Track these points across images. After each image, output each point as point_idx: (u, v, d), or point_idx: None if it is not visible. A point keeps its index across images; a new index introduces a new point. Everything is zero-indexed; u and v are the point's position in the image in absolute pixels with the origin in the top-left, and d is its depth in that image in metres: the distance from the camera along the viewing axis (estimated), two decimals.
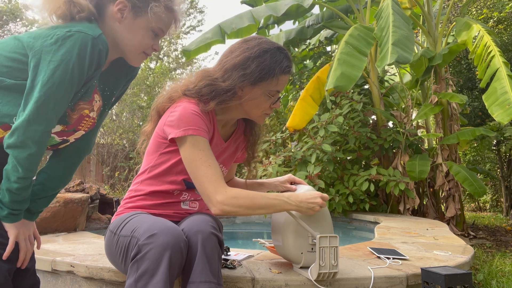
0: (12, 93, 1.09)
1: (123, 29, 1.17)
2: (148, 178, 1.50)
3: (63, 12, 1.12)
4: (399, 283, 1.62)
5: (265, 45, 1.44)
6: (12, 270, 1.16)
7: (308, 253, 1.51)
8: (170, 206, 1.50)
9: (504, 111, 3.39)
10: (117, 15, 1.16)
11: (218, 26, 5.40)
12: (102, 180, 8.84)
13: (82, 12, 1.12)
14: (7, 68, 1.09)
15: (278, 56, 1.44)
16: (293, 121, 4.59)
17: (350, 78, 3.65)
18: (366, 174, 4.11)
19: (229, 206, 1.32)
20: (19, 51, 1.10)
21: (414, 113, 5.50)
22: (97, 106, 1.26)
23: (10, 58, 1.10)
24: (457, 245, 2.36)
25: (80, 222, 2.88)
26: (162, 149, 1.47)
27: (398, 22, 3.76)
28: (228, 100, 1.44)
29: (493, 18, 7.17)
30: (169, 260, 1.16)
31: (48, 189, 1.26)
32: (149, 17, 1.17)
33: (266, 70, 1.42)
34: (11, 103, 1.09)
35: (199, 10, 13.96)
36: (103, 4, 1.17)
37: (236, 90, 1.44)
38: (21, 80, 1.09)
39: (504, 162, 7.76)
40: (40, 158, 1.11)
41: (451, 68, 7.04)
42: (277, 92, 1.48)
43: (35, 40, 1.08)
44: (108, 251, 1.45)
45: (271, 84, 1.45)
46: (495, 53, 3.86)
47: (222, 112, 1.52)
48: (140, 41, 1.20)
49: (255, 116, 1.52)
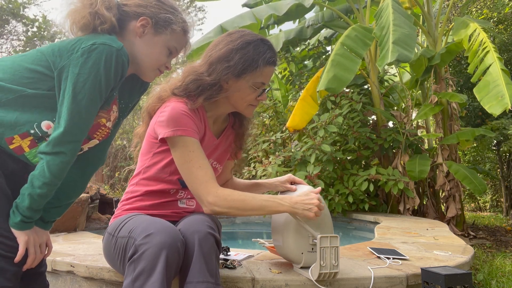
0: (32, 102, 1.13)
1: (143, 44, 1.24)
2: (144, 179, 1.51)
3: (86, 23, 1.16)
4: (399, 283, 1.62)
5: (248, 37, 1.45)
6: (20, 274, 1.16)
7: (309, 253, 1.51)
8: (167, 205, 1.51)
9: (497, 103, 3.39)
10: (139, 30, 1.22)
11: (220, 26, 5.42)
12: (102, 180, 8.83)
13: (105, 24, 1.17)
14: (28, 79, 1.13)
15: (261, 48, 1.44)
16: (293, 121, 4.59)
17: (342, 80, 3.66)
18: (366, 174, 4.11)
19: (219, 207, 1.34)
20: (41, 64, 1.14)
21: (414, 113, 5.50)
22: (114, 117, 1.30)
23: (32, 69, 1.14)
24: (457, 245, 2.36)
25: (80, 222, 2.88)
26: (155, 149, 1.48)
27: (399, 20, 3.76)
28: (215, 94, 1.45)
29: (493, 18, 7.17)
30: (166, 260, 1.16)
31: (62, 199, 1.27)
32: (168, 36, 1.24)
33: (249, 62, 1.42)
34: (30, 111, 1.13)
35: (200, 9, 13.96)
36: (124, 19, 1.23)
37: (221, 84, 1.45)
38: (41, 91, 1.13)
39: (504, 162, 7.76)
40: (69, 166, 1.15)
41: (451, 68, 7.04)
42: (262, 84, 1.48)
43: (60, 53, 1.12)
44: (107, 253, 1.46)
45: (256, 75, 1.45)
46: (489, 49, 3.86)
47: (211, 108, 1.53)
48: (157, 57, 1.26)
49: (241, 108, 1.52)
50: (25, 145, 1.14)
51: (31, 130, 1.13)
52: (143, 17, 1.22)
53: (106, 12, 1.17)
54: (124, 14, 1.23)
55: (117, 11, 1.21)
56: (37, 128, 1.13)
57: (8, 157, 1.16)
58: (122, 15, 1.23)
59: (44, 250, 1.25)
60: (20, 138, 1.13)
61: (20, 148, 1.14)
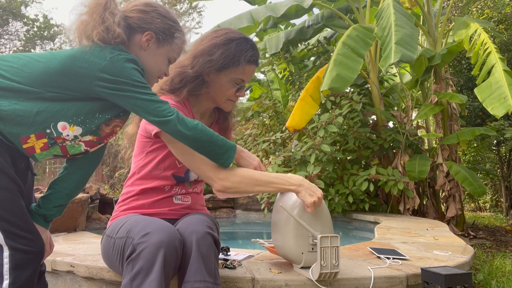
0: (48, 102, 1.16)
1: (146, 56, 1.30)
2: (138, 178, 1.53)
3: (101, 38, 1.20)
4: (399, 283, 1.62)
5: (232, 35, 1.51)
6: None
7: (309, 253, 1.51)
8: (163, 202, 1.52)
9: (500, 104, 3.38)
10: (144, 45, 1.29)
11: (218, 26, 5.41)
12: (102, 180, 8.83)
13: (117, 39, 1.22)
14: (50, 82, 1.18)
15: (243, 46, 1.49)
16: (293, 121, 4.58)
17: (345, 80, 3.65)
18: (366, 174, 4.11)
19: (230, 182, 1.38)
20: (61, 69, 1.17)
21: (414, 113, 5.50)
22: (124, 124, 1.36)
23: (54, 73, 1.18)
24: (457, 245, 2.36)
25: (80, 222, 2.88)
26: (147, 148, 1.51)
27: (400, 21, 3.75)
28: (197, 87, 1.50)
29: (493, 18, 7.17)
30: (164, 258, 1.16)
31: (65, 197, 1.32)
32: (170, 48, 1.33)
33: (230, 58, 1.47)
34: (46, 112, 1.15)
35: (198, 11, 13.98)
36: (130, 33, 1.29)
37: (203, 77, 1.51)
38: (56, 93, 1.17)
39: (504, 162, 7.76)
40: None
41: (451, 68, 7.03)
42: (241, 80, 1.53)
43: (88, 66, 1.15)
44: (106, 255, 1.46)
45: (236, 72, 1.50)
46: (491, 50, 3.85)
47: (196, 103, 1.58)
48: (159, 68, 1.33)
49: (220, 102, 1.57)
50: (38, 146, 1.18)
51: (47, 129, 1.16)
52: (148, 32, 1.28)
53: (118, 28, 1.22)
54: (128, 27, 1.28)
55: (124, 24, 1.26)
56: (53, 128, 1.17)
57: (18, 155, 1.19)
58: (127, 28, 1.28)
59: (48, 248, 1.30)
60: (36, 138, 1.16)
61: (32, 149, 1.18)
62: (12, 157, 1.15)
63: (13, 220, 1.10)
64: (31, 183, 1.30)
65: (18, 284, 1.09)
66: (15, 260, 1.10)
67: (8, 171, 1.11)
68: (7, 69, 1.15)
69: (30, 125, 1.14)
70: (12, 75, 1.14)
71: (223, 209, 4.55)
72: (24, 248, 1.11)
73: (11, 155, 1.15)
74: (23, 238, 1.11)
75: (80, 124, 1.19)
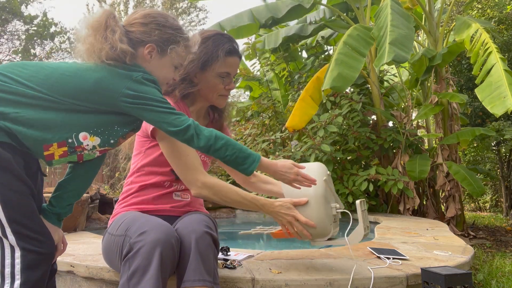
0: (73, 113, 1.20)
1: (152, 67, 1.33)
2: (138, 176, 1.56)
3: (109, 56, 1.23)
4: (399, 283, 1.62)
5: (208, 33, 1.58)
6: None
7: (332, 224, 1.57)
8: (163, 199, 1.53)
9: (500, 103, 3.39)
10: (147, 57, 1.32)
11: (219, 24, 5.43)
12: (102, 180, 8.84)
13: (126, 53, 1.26)
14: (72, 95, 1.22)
15: (220, 40, 1.56)
16: (293, 121, 4.58)
17: (347, 79, 3.65)
18: (366, 174, 4.11)
19: (207, 192, 1.44)
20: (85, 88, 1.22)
21: (414, 113, 5.50)
22: None
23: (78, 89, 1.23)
24: (457, 245, 2.35)
25: (80, 222, 2.88)
26: (146, 146, 1.55)
27: (397, 21, 3.75)
28: (187, 88, 1.56)
29: (494, 18, 7.17)
30: (160, 256, 1.17)
31: (76, 196, 1.35)
32: (173, 55, 1.35)
33: (209, 54, 1.54)
34: (71, 122, 1.20)
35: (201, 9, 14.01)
36: (134, 47, 1.32)
37: (191, 78, 1.57)
38: (82, 106, 1.21)
39: (504, 163, 7.76)
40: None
41: (452, 68, 7.03)
42: (227, 73, 1.58)
43: (113, 86, 1.20)
44: (106, 253, 1.47)
45: (219, 66, 1.55)
46: (492, 50, 3.85)
47: (191, 103, 1.62)
48: (165, 76, 1.37)
49: (213, 99, 1.61)
50: (57, 154, 1.21)
51: (69, 139, 1.20)
52: (149, 45, 1.31)
53: (121, 44, 1.24)
54: (131, 42, 1.30)
55: (127, 39, 1.28)
56: (75, 138, 1.21)
57: (30, 158, 1.21)
58: (130, 42, 1.30)
59: (60, 247, 1.33)
60: (57, 146, 1.20)
61: (52, 156, 1.21)
62: (24, 160, 1.17)
63: (25, 222, 1.13)
64: (41, 184, 1.33)
65: (29, 284, 1.11)
66: (26, 261, 1.12)
67: (19, 174, 1.13)
68: (31, 79, 1.18)
69: (55, 134, 1.18)
70: (35, 85, 1.17)
71: (223, 209, 4.55)
72: (35, 249, 1.13)
73: (24, 158, 1.17)
74: (34, 240, 1.14)
75: (100, 135, 1.24)
